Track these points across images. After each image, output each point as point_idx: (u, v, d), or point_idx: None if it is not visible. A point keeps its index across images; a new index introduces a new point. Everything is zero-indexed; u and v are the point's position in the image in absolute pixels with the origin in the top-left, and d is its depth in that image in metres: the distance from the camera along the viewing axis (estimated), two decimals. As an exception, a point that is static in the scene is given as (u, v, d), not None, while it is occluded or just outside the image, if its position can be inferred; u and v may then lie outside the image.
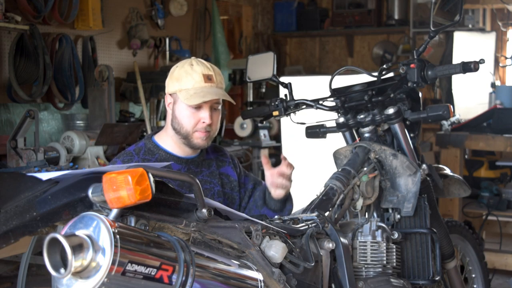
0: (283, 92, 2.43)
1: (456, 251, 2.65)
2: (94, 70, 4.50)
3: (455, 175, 2.65)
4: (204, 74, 2.13)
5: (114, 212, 1.22)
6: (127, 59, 5.16)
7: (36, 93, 4.09)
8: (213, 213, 1.43)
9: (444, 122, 4.42)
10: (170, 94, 2.21)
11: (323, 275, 1.77)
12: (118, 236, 1.13)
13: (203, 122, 2.16)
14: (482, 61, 2.10)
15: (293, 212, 2.16)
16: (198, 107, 2.15)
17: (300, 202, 2.35)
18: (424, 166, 2.24)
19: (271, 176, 2.20)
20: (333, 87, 2.37)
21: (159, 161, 2.20)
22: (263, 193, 2.30)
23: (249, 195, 2.38)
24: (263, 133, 5.61)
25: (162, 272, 1.20)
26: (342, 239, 1.85)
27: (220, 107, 2.22)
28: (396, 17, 7.03)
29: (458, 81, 5.94)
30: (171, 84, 2.19)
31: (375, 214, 2.20)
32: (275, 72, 2.42)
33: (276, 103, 2.36)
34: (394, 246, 2.05)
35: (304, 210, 1.95)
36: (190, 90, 2.13)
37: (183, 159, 2.24)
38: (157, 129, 2.37)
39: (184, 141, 2.20)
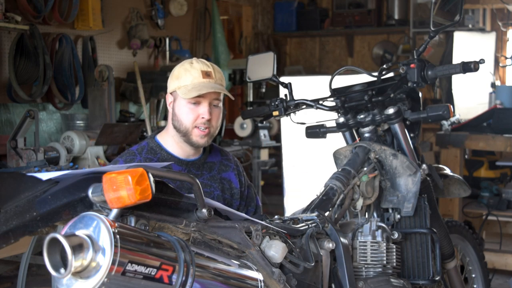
0: (283, 92, 2.43)
1: (456, 251, 2.65)
2: (94, 70, 4.50)
3: (455, 175, 2.65)
4: (203, 70, 2.15)
5: (114, 212, 1.22)
6: (127, 59, 5.16)
7: (36, 93, 4.09)
8: (213, 213, 1.43)
9: (444, 122, 4.42)
10: (170, 93, 2.23)
11: (323, 275, 1.77)
12: (118, 236, 1.13)
13: (202, 118, 2.15)
14: (482, 61, 2.10)
15: (293, 212, 2.16)
16: (197, 103, 2.15)
17: (300, 202, 2.35)
18: (424, 166, 2.24)
19: None
20: (333, 87, 2.37)
21: (161, 161, 2.20)
22: None
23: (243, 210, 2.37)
24: (263, 133, 5.61)
25: (162, 272, 1.20)
26: (342, 239, 1.85)
27: (220, 104, 2.21)
28: (396, 17, 7.03)
29: (458, 81, 5.93)
30: (171, 83, 2.21)
31: (375, 214, 2.20)
32: (275, 72, 2.42)
33: (276, 103, 2.36)
34: (394, 246, 2.05)
35: (304, 210, 1.95)
36: (188, 85, 2.14)
37: (184, 161, 2.23)
38: (159, 129, 2.36)
39: (184, 139, 2.19)
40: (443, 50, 6.54)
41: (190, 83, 2.14)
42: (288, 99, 2.37)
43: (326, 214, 1.93)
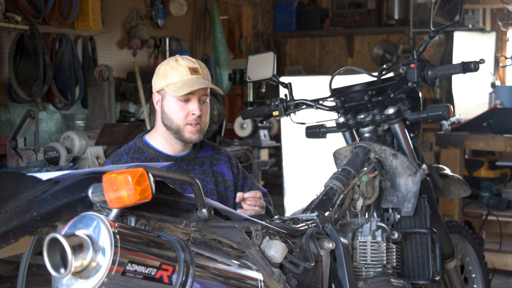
0: (283, 92, 2.43)
1: (456, 251, 2.65)
2: (94, 70, 4.50)
3: (455, 175, 2.65)
4: (190, 67, 2.16)
5: (114, 212, 1.22)
6: (127, 59, 5.16)
7: (36, 93, 4.09)
8: (213, 213, 1.43)
9: (444, 122, 4.42)
10: (157, 92, 2.23)
11: (323, 275, 1.77)
12: (118, 236, 1.13)
13: (193, 114, 2.16)
14: (482, 61, 2.10)
15: (293, 212, 2.16)
16: (186, 100, 2.16)
17: (300, 202, 2.35)
18: (424, 166, 2.24)
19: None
20: (333, 87, 2.37)
21: (148, 159, 2.22)
22: None
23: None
24: (263, 133, 5.61)
25: (162, 272, 1.20)
26: (342, 239, 1.85)
27: (208, 99, 2.23)
28: (396, 17, 7.03)
29: (458, 81, 5.94)
30: (157, 81, 2.21)
31: (375, 214, 2.20)
32: (275, 72, 2.42)
33: (276, 103, 2.36)
34: (394, 246, 2.05)
35: (304, 210, 1.95)
36: (177, 83, 2.14)
37: (173, 157, 2.24)
38: (150, 129, 2.37)
39: (176, 136, 2.20)
40: (443, 50, 6.54)
41: (178, 80, 2.15)
42: (288, 99, 2.37)
43: (326, 214, 1.93)
